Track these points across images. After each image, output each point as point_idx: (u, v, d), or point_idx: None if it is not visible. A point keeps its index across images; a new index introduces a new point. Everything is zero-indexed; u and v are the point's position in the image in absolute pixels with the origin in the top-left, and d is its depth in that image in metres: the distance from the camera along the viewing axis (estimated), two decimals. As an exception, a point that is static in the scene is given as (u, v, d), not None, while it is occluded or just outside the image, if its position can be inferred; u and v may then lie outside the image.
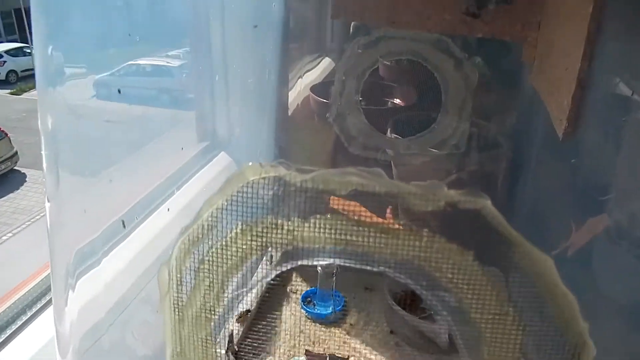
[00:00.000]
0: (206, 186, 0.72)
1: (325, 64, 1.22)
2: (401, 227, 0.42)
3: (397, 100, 1.26)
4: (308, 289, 0.88)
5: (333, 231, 0.42)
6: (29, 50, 11.07)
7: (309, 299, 0.85)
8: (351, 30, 1.05)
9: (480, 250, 0.42)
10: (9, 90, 10.58)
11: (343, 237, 0.43)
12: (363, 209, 0.42)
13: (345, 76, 1.07)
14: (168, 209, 0.69)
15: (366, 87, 1.03)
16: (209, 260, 0.46)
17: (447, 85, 1.04)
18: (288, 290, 0.89)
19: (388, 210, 0.43)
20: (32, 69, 0.83)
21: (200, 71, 0.90)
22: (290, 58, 1.08)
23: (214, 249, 0.45)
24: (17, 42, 11.99)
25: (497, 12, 0.91)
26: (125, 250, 0.63)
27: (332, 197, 0.44)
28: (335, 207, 0.44)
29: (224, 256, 0.45)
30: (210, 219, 0.45)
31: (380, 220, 0.43)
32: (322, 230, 0.43)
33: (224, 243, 0.45)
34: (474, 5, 0.88)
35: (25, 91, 10.34)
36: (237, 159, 0.91)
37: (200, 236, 0.46)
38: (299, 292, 0.87)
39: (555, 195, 0.71)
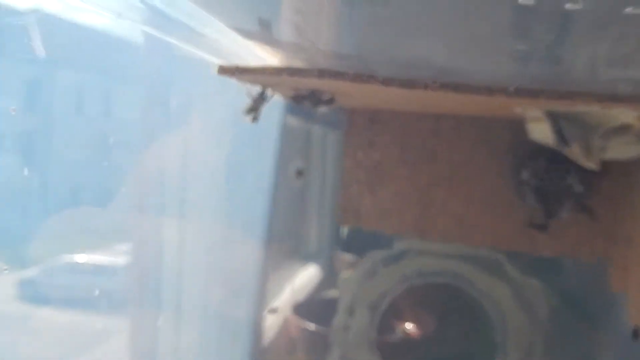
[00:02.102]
0: None
1: (313, 272, 1.12)
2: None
3: (410, 327, 1.02)
4: None
5: None
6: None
7: None
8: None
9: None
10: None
11: None
12: None
13: (354, 304, 0.81)
14: None
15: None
16: None
17: (503, 320, 0.78)
18: None
19: None
20: None
21: (148, 272, 0.80)
22: (270, 264, 0.93)
23: None
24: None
25: (570, 223, 0.70)
26: None
27: None
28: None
29: None
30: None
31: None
32: None
33: None
34: (540, 214, 0.67)
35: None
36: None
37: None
38: None
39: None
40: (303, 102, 0.63)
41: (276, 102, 0.87)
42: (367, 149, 0.78)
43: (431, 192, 0.77)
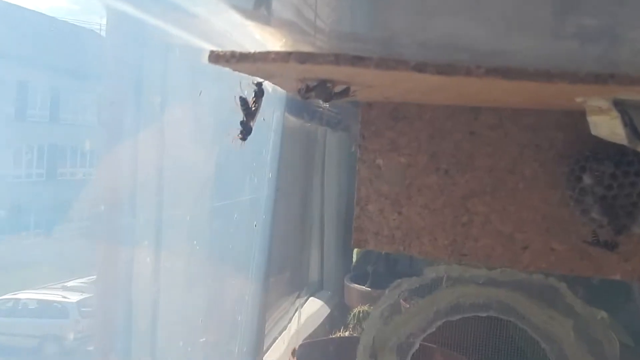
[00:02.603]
0: None
1: (319, 308, 1.16)
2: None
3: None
4: None
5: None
6: None
7: None
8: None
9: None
10: None
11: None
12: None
13: (376, 347, 0.82)
14: None
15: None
16: None
17: (563, 363, 0.79)
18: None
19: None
20: None
21: (113, 314, 0.80)
22: (267, 300, 0.97)
23: None
24: None
25: (644, 240, 0.72)
26: None
27: None
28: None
29: None
30: None
31: None
32: None
33: None
34: (607, 230, 0.68)
35: None
36: None
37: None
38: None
39: None
40: (310, 95, 0.64)
41: (273, 100, 0.89)
42: (389, 153, 0.79)
43: (469, 206, 0.78)
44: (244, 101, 0.62)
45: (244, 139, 0.63)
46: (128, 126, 0.77)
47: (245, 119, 0.62)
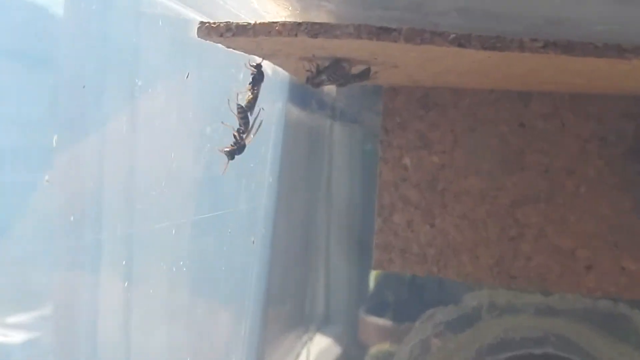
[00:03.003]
0: None
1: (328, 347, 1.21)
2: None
3: None
4: None
5: None
6: None
7: None
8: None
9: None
10: None
11: None
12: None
13: None
14: None
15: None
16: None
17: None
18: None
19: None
20: None
21: (71, 356, 0.78)
22: (267, 337, 1.01)
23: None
24: None
25: None
26: None
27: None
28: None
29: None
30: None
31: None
32: None
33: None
34: None
35: None
36: None
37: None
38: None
39: None
40: (321, 80, 0.64)
41: (274, 85, 0.89)
42: (418, 150, 0.80)
43: (519, 216, 0.79)
44: (241, 109, 0.62)
45: (231, 157, 0.63)
46: (91, 119, 0.77)
47: (240, 130, 0.62)
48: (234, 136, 0.62)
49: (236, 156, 0.63)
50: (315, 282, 1.32)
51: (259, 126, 0.63)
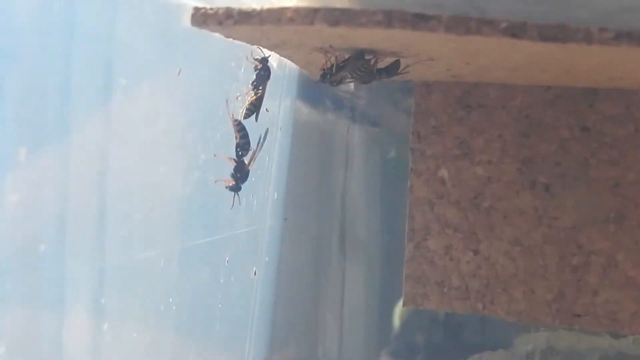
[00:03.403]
0: None
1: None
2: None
3: None
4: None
5: None
6: None
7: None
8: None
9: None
10: None
11: None
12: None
13: None
14: None
15: None
16: None
17: None
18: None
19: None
20: None
21: None
22: None
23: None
24: None
25: None
26: None
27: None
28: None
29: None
30: None
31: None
32: None
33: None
34: None
35: None
36: None
37: None
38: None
39: None
40: (342, 76, 0.64)
41: (281, 81, 0.90)
42: (458, 160, 0.80)
43: (583, 241, 0.79)
44: (241, 127, 0.62)
45: (237, 189, 0.64)
46: (55, 125, 0.77)
47: (240, 151, 0.63)
48: (235, 161, 0.62)
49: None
50: (327, 321, 1.32)
51: (264, 140, 0.63)
